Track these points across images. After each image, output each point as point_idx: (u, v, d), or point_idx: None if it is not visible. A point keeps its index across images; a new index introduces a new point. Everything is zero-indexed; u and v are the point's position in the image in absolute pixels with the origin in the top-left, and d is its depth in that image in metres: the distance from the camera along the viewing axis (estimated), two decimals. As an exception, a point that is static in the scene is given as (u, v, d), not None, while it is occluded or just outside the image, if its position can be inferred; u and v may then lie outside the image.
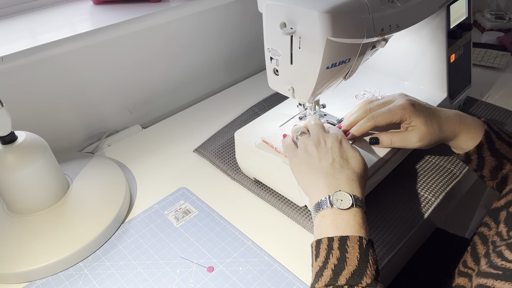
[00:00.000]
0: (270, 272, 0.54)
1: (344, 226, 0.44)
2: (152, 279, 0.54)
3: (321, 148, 0.52)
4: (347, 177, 0.48)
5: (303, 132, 0.57)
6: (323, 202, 0.46)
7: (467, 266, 0.55)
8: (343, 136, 0.54)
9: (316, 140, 0.53)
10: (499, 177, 0.58)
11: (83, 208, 0.61)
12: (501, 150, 0.56)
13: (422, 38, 0.71)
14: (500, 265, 0.41)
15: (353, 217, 0.45)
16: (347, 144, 0.53)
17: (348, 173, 0.49)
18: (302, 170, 0.51)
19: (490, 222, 0.53)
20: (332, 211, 0.45)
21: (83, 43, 0.72)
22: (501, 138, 0.57)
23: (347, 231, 0.44)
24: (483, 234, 0.54)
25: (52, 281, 0.54)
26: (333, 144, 0.52)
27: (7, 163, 0.54)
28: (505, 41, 1.03)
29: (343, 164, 0.50)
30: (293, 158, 0.54)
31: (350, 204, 0.45)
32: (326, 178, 0.48)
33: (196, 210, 0.64)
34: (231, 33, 0.98)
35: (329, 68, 0.52)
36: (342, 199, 0.46)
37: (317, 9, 0.47)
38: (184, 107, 0.93)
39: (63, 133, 0.78)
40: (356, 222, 0.45)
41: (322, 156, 0.51)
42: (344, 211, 0.45)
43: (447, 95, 0.72)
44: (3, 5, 0.77)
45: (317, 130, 0.55)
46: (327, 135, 0.54)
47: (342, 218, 0.45)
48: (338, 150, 0.51)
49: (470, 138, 0.57)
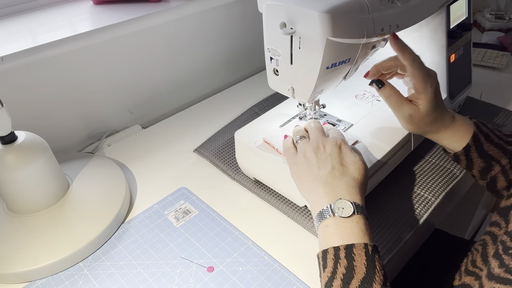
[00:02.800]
0: (270, 272, 0.54)
1: (348, 234, 0.44)
2: (152, 279, 0.54)
3: (320, 154, 0.51)
4: (346, 184, 0.48)
5: (302, 136, 0.56)
6: (325, 211, 0.46)
7: (476, 266, 0.54)
8: (342, 140, 0.53)
9: (315, 145, 0.52)
10: (488, 178, 0.58)
11: (83, 208, 0.61)
12: (489, 152, 0.56)
13: (422, 38, 0.71)
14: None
15: (356, 224, 0.45)
16: (346, 149, 0.52)
17: (347, 180, 0.48)
18: (302, 178, 0.51)
19: (501, 221, 0.52)
20: (334, 220, 0.45)
21: (83, 43, 0.72)
22: (490, 139, 0.56)
23: (352, 239, 0.44)
24: (494, 234, 0.53)
25: (52, 281, 0.54)
26: (332, 150, 0.51)
27: (7, 163, 0.54)
28: (505, 41, 1.03)
29: (343, 171, 0.49)
30: (293, 165, 0.53)
31: (351, 211, 0.45)
32: (326, 187, 0.48)
33: (196, 210, 0.64)
34: (231, 33, 0.98)
35: (329, 68, 0.52)
36: (344, 207, 0.46)
37: (317, 9, 0.47)
38: (184, 107, 0.93)
39: (63, 133, 0.78)
40: (360, 229, 0.45)
41: (321, 164, 0.50)
42: (347, 219, 0.45)
43: (447, 95, 0.72)
44: (3, 5, 0.77)
45: (316, 134, 0.54)
46: (326, 139, 0.53)
47: (345, 227, 0.45)
48: (338, 156, 0.51)
49: (456, 140, 0.57)
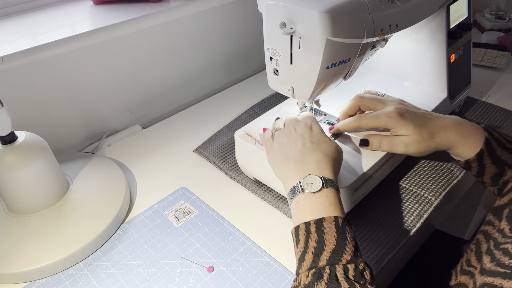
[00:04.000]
0: (270, 272, 0.54)
1: (318, 209, 0.45)
2: (152, 279, 0.54)
3: (291, 136, 0.53)
4: (316, 159, 0.49)
5: (279, 127, 0.58)
6: (295, 188, 0.47)
7: (471, 265, 0.54)
8: (313, 121, 0.55)
9: (287, 130, 0.54)
10: (500, 183, 0.57)
11: (83, 208, 0.61)
12: (502, 157, 0.55)
13: (422, 38, 0.71)
14: (508, 264, 0.40)
15: (325, 198, 0.46)
16: (317, 129, 0.54)
17: (317, 155, 0.49)
18: (276, 161, 0.53)
19: (494, 220, 0.52)
20: (305, 196, 0.46)
21: (83, 43, 0.72)
22: (501, 145, 0.55)
23: (322, 213, 0.45)
24: (487, 233, 0.53)
25: (52, 281, 0.54)
26: (304, 131, 0.53)
27: (7, 163, 0.54)
28: (505, 41, 1.03)
29: (313, 148, 0.50)
30: (269, 152, 0.55)
31: (320, 186, 0.46)
32: (297, 165, 0.49)
33: (196, 210, 0.64)
34: (231, 33, 0.98)
35: (329, 68, 0.52)
36: (313, 183, 0.46)
37: (317, 9, 0.47)
38: (184, 107, 0.93)
39: (63, 133, 0.78)
40: (330, 203, 0.45)
41: (292, 144, 0.52)
42: (316, 194, 0.46)
43: (447, 95, 0.72)
44: (3, 5, 0.77)
45: (289, 121, 0.56)
46: (298, 123, 0.55)
47: (315, 201, 0.46)
48: (309, 135, 0.52)
49: (469, 147, 0.55)
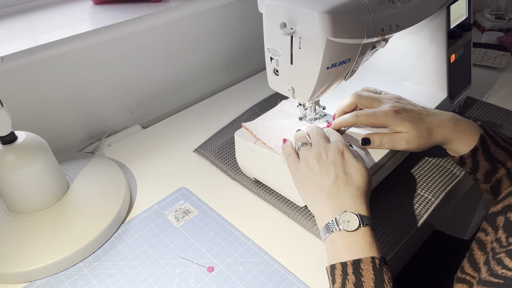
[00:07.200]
0: (270, 272, 0.54)
1: (355, 249, 0.44)
2: (152, 279, 0.54)
3: (323, 162, 0.51)
4: (351, 194, 0.47)
5: (304, 143, 0.55)
6: (331, 225, 0.46)
7: (465, 272, 0.55)
8: (344, 145, 0.53)
9: (317, 153, 0.52)
10: (492, 181, 0.57)
11: (83, 208, 0.61)
12: (495, 155, 0.56)
13: (422, 38, 0.71)
14: (500, 274, 0.40)
15: (362, 237, 0.44)
16: (349, 155, 0.51)
17: (352, 190, 0.48)
18: (306, 188, 0.51)
19: (487, 227, 0.52)
20: (341, 234, 0.45)
21: (83, 43, 0.72)
22: (496, 142, 0.56)
23: (359, 254, 0.44)
24: (480, 240, 0.53)
25: (52, 281, 0.54)
26: (335, 157, 0.50)
27: (7, 163, 0.54)
28: (505, 41, 1.03)
29: (347, 180, 0.49)
30: (295, 174, 0.53)
31: (357, 224, 0.45)
32: (330, 198, 0.48)
33: (196, 210, 0.64)
34: (231, 33, 0.98)
35: (329, 68, 0.52)
36: (349, 221, 0.45)
37: (317, 9, 0.47)
38: (184, 107, 0.93)
39: (63, 133, 0.78)
40: (366, 242, 0.44)
41: (324, 172, 0.50)
42: (353, 233, 0.45)
43: (447, 95, 0.72)
44: (3, 5, 0.77)
45: (318, 141, 0.54)
46: (328, 146, 0.53)
47: (352, 241, 0.44)
48: (341, 164, 0.50)
49: (464, 143, 0.56)
